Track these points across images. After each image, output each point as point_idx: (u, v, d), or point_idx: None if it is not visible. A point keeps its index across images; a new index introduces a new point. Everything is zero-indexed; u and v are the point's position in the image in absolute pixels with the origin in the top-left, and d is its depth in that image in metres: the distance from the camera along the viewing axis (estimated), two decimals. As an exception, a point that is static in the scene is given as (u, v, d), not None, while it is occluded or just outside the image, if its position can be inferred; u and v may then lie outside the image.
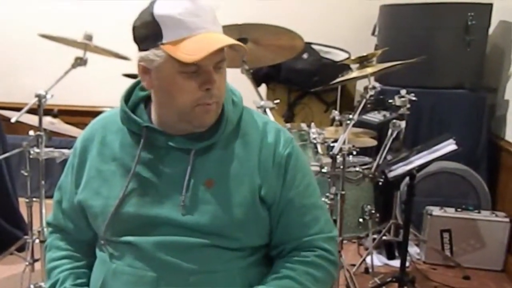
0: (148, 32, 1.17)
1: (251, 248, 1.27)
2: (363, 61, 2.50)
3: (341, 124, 2.56)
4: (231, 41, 1.16)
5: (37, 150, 2.33)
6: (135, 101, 1.30)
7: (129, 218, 1.24)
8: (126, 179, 1.24)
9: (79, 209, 1.32)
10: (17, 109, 2.36)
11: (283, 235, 1.29)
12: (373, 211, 2.58)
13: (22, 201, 2.68)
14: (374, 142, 2.84)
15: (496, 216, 3.01)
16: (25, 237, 2.60)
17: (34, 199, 2.51)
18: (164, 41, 1.15)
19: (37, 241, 2.47)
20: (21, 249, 2.69)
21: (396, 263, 2.82)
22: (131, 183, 1.24)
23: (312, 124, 2.64)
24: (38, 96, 2.32)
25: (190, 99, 1.18)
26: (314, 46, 3.79)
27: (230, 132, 1.26)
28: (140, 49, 1.20)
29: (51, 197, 2.64)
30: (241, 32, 2.38)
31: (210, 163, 1.24)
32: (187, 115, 1.20)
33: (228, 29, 2.29)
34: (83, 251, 1.38)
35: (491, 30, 3.44)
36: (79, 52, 2.51)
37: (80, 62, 2.48)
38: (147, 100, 1.30)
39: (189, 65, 1.14)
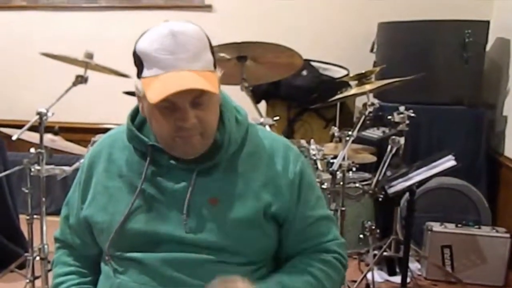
0: (135, 63, 1.20)
1: (258, 262, 1.28)
2: (361, 78, 2.51)
3: (340, 141, 2.57)
4: (194, 85, 1.13)
5: (38, 168, 2.34)
6: (141, 119, 1.32)
7: (134, 235, 1.25)
8: (131, 195, 1.25)
9: (85, 224, 1.33)
10: (19, 126, 2.38)
11: (300, 246, 1.32)
12: (373, 227, 2.58)
13: (22, 218, 2.68)
14: (373, 158, 2.84)
15: (497, 231, 3.01)
16: (26, 254, 2.59)
17: (34, 216, 2.51)
18: (143, 75, 1.18)
19: (37, 258, 2.46)
20: (21, 266, 2.68)
21: (397, 279, 2.81)
22: (136, 200, 1.25)
23: (312, 140, 2.65)
24: (39, 113, 2.33)
25: (167, 132, 1.20)
26: (313, 63, 3.82)
27: (234, 151, 1.27)
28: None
29: (51, 214, 2.66)
30: (240, 51, 2.41)
31: (214, 182, 1.25)
32: (170, 145, 1.22)
33: (227, 48, 2.34)
34: (90, 267, 1.39)
35: (488, 46, 3.46)
36: (80, 70, 2.53)
37: (81, 80, 2.50)
38: None
39: (162, 102, 1.14)
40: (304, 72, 3.73)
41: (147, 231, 1.24)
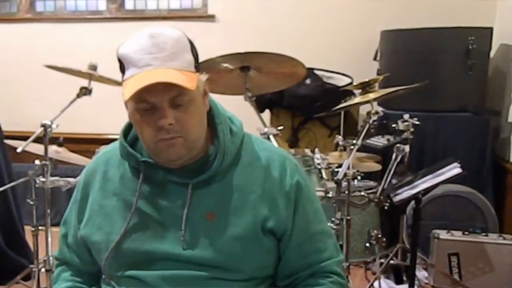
0: (120, 68, 1.21)
1: (256, 279, 1.26)
2: (365, 86, 2.51)
3: (345, 149, 2.56)
4: (167, 79, 1.12)
5: (43, 179, 2.35)
6: (134, 135, 1.30)
7: (131, 253, 1.23)
8: (127, 214, 1.24)
9: (83, 243, 1.32)
10: (23, 138, 2.38)
11: (297, 263, 1.29)
12: (379, 236, 2.57)
13: (28, 230, 2.68)
14: (378, 167, 2.83)
15: (504, 239, 2.98)
16: (31, 266, 2.59)
17: (40, 227, 2.51)
18: (124, 78, 1.19)
19: (43, 270, 2.47)
20: (27, 278, 2.67)
21: (405, 287, 2.79)
22: (132, 219, 1.24)
23: (316, 149, 2.64)
24: (43, 125, 2.34)
25: (149, 135, 1.18)
26: (316, 72, 3.82)
27: (229, 163, 1.25)
28: None
29: (57, 225, 2.65)
30: (243, 61, 2.41)
31: (210, 196, 1.23)
32: (154, 150, 1.21)
33: (230, 58, 2.34)
34: (89, 282, 1.38)
35: (492, 53, 3.46)
36: (84, 82, 2.54)
37: (85, 91, 2.52)
38: None
39: (140, 102, 1.15)
40: (308, 81, 3.73)
41: (144, 250, 1.23)
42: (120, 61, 1.20)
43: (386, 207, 2.60)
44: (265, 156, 1.29)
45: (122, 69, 1.20)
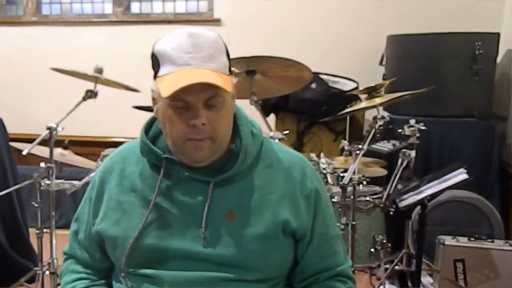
0: (152, 63, 1.22)
1: (273, 279, 1.27)
2: (371, 91, 2.50)
3: (350, 154, 2.55)
4: (207, 80, 1.14)
5: (48, 182, 2.35)
6: (155, 132, 1.31)
7: (149, 250, 1.23)
8: (145, 210, 1.24)
9: (95, 240, 1.32)
10: (29, 140, 2.39)
11: (316, 266, 1.31)
12: (384, 241, 2.56)
13: (32, 232, 2.68)
14: (384, 172, 2.82)
15: (510, 245, 2.96)
16: (35, 268, 2.59)
17: (44, 230, 2.51)
18: (158, 74, 1.19)
19: (47, 272, 2.46)
20: (31, 280, 2.67)
21: (409, 293, 2.78)
22: (150, 215, 1.24)
23: (322, 154, 2.64)
24: (49, 128, 2.34)
25: (179, 133, 1.19)
26: (322, 76, 3.82)
27: (250, 164, 1.26)
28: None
29: (61, 228, 2.66)
30: (250, 65, 2.41)
31: (231, 195, 1.24)
32: (180, 148, 1.21)
33: (237, 62, 2.34)
34: (99, 274, 1.37)
35: (499, 59, 3.45)
36: (90, 85, 2.54)
37: (90, 94, 2.52)
38: None
39: (175, 99, 1.16)
40: (313, 85, 3.73)
41: (162, 247, 1.22)
42: (154, 57, 1.21)
43: (391, 213, 2.59)
44: (285, 158, 1.32)
45: (156, 65, 1.20)
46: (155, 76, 1.21)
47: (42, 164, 2.38)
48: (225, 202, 1.23)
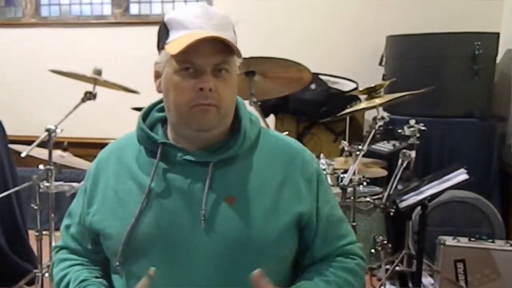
0: (159, 35, 1.23)
1: (276, 262, 1.25)
2: (371, 92, 2.50)
3: (350, 155, 2.55)
4: (219, 36, 1.15)
5: (47, 184, 2.35)
6: (152, 121, 1.31)
7: (146, 240, 1.21)
8: (142, 196, 1.22)
9: (88, 231, 1.30)
10: (28, 142, 2.38)
11: (325, 249, 1.31)
12: (385, 242, 2.54)
13: (31, 234, 2.68)
14: (384, 172, 2.82)
15: (511, 245, 2.96)
16: (35, 271, 2.58)
17: (44, 232, 2.51)
18: (168, 40, 1.20)
19: (46, 275, 2.46)
20: (30, 282, 2.67)
21: (410, 294, 2.77)
22: (147, 202, 1.22)
23: (322, 155, 2.63)
24: (48, 130, 2.34)
25: (186, 99, 1.18)
26: (321, 77, 3.81)
27: (248, 147, 1.26)
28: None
29: (60, 230, 2.64)
30: (249, 66, 2.40)
31: (230, 178, 1.23)
32: (186, 116, 1.20)
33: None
34: (94, 264, 1.35)
35: (498, 58, 3.45)
36: (89, 87, 2.54)
37: (89, 96, 2.52)
38: (164, 121, 1.31)
39: (184, 63, 1.16)
40: (313, 86, 3.72)
41: (160, 235, 1.20)
42: (163, 26, 1.22)
43: (391, 213, 2.58)
44: (284, 143, 1.33)
45: (165, 33, 1.21)
46: (162, 47, 1.21)
47: (41, 166, 2.37)
48: (224, 185, 1.22)
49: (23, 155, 2.33)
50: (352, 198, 2.36)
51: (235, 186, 1.22)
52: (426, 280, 3.10)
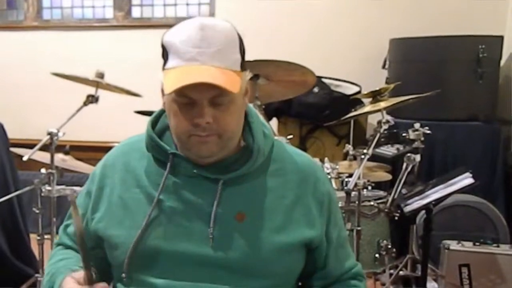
0: (162, 54, 1.18)
1: (282, 285, 1.23)
2: (376, 95, 2.48)
3: (355, 158, 2.53)
4: (211, 80, 1.09)
5: (49, 188, 2.33)
6: (161, 128, 1.27)
7: (152, 252, 1.18)
8: (149, 207, 1.19)
9: (91, 235, 1.26)
10: (30, 146, 2.37)
11: (337, 271, 1.31)
12: (389, 246, 2.53)
13: (33, 238, 2.67)
14: (388, 176, 2.80)
15: (516, 250, 2.94)
16: (36, 275, 2.57)
17: (45, 236, 2.49)
18: (166, 66, 1.16)
19: (48, 279, 2.44)
20: (32, 287, 2.66)
21: (414, 299, 2.75)
22: (154, 213, 1.19)
23: (326, 159, 2.62)
24: (50, 134, 2.33)
25: (183, 129, 1.15)
26: (324, 80, 3.80)
27: (261, 164, 1.22)
28: None
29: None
30: (253, 69, 2.37)
31: (241, 196, 1.20)
32: (185, 143, 1.17)
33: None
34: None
35: (502, 62, 3.44)
36: (91, 90, 2.53)
37: (92, 99, 2.51)
38: None
39: (180, 95, 1.13)
40: (316, 89, 3.71)
41: (166, 249, 1.17)
42: (163, 47, 1.17)
43: (396, 218, 2.56)
44: (297, 161, 1.28)
45: (165, 55, 1.17)
46: (163, 67, 1.18)
47: (43, 170, 2.37)
48: (234, 202, 1.19)
49: (25, 158, 2.32)
50: (356, 202, 2.34)
51: (246, 204, 1.20)
52: (430, 285, 3.08)
